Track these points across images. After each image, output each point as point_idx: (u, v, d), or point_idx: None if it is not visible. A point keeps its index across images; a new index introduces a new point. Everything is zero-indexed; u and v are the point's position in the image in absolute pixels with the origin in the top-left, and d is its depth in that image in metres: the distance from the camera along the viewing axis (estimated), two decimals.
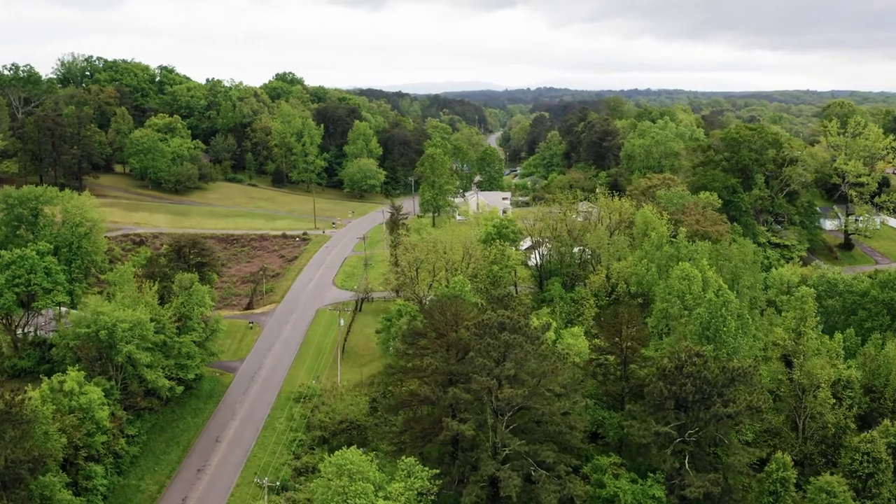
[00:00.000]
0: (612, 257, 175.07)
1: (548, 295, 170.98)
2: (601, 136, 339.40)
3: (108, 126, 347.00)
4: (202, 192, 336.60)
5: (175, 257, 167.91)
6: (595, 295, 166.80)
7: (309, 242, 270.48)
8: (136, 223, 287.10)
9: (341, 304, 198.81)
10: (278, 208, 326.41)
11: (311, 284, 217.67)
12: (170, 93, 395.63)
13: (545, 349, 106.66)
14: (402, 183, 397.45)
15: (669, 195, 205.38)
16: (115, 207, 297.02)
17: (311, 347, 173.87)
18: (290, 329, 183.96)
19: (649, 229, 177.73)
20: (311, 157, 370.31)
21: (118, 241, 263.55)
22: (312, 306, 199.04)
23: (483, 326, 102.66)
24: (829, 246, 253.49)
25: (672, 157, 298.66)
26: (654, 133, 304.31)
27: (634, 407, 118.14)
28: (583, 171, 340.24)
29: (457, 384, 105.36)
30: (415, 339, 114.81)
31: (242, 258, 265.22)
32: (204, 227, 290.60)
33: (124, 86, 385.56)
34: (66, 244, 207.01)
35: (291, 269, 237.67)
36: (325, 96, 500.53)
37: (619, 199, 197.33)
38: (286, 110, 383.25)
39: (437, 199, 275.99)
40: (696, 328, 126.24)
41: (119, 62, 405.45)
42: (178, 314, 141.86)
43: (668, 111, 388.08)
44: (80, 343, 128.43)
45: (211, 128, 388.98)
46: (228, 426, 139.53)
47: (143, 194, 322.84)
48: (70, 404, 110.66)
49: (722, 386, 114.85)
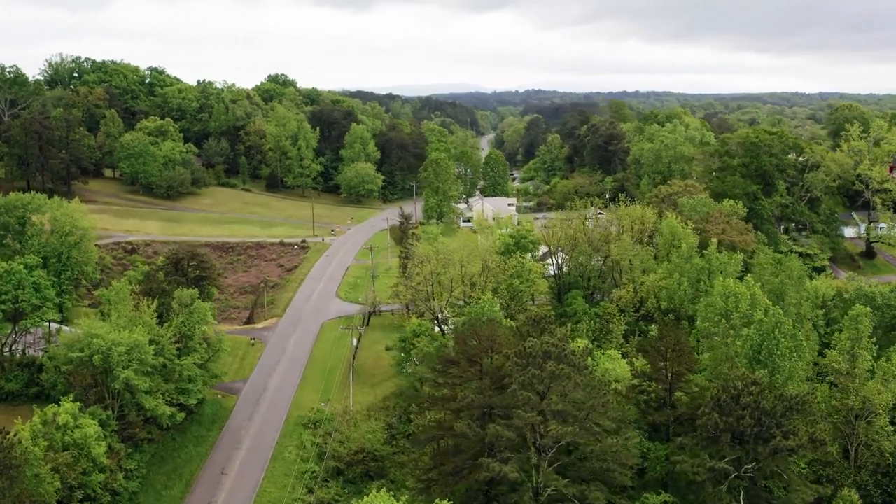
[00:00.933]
0: (638, 269, 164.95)
1: (569, 310, 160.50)
2: (606, 139, 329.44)
3: (97, 129, 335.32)
4: (195, 198, 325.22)
5: (173, 270, 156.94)
6: (622, 310, 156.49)
7: (308, 251, 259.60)
8: (127, 230, 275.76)
9: (347, 318, 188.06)
10: (274, 214, 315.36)
11: (314, 296, 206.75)
12: (160, 95, 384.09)
13: (593, 380, 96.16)
14: (400, 187, 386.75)
15: (692, 203, 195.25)
16: (105, 214, 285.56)
17: (318, 366, 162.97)
18: (295, 345, 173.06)
19: (676, 240, 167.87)
20: (306, 162, 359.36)
21: (109, 250, 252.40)
22: (317, 320, 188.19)
23: (526, 356, 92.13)
24: (851, 254, 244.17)
25: (682, 162, 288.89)
26: (663, 136, 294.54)
27: (684, 440, 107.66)
28: (588, 175, 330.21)
29: (495, 418, 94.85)
30: (445, 367, 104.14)
31: (239, 267, 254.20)
32: (198, 234, 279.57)
33: (114, 87, 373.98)
34: (55, 254, 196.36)
35: (292, 279, 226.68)
36: (319, 98, 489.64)
37: (640, 207, 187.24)
38: (281, 113, 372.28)
39: (442, 205, 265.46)
40: (747, 351, 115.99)
41: (108, 63, 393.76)
42: (178, 334, 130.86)
43: (674, 113, 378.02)
44: (73, 368, 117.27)
45: (203, 131, 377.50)
46: (234, 456, 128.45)
47: (134, 200, 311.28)
48: (64, 440, 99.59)
49: (780, 416, 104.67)
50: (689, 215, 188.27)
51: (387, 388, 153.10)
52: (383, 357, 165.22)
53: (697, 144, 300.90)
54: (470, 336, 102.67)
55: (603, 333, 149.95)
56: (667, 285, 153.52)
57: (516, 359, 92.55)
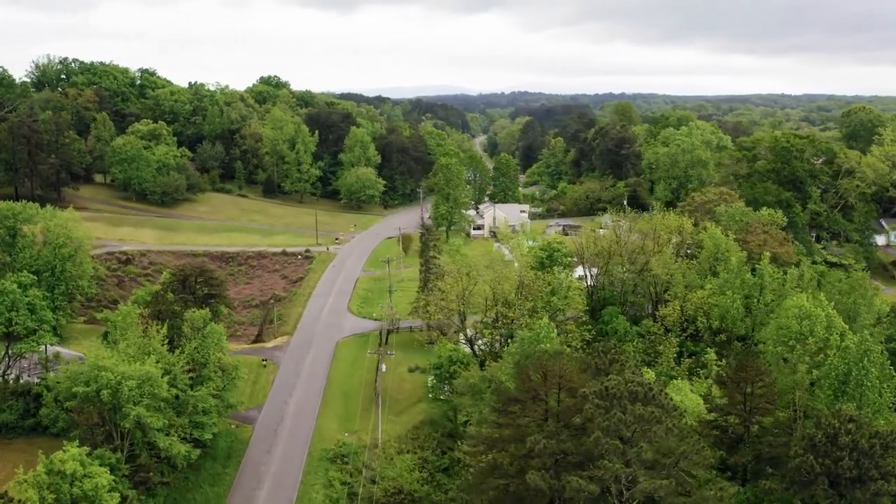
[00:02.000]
0: (680, 284, 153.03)
1: (609, 328, 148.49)
2: (617, 143, 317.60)
3: (87, 133, 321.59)
4: (190, 204, 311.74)
5: (180, 288, 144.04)
6: (668, 330, 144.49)
7: (313, 261, 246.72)
8: (120, 239, 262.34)
9: (363, 336, 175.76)
10: (273, 222, 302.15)
11: (325, 312, 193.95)
12: (152, 97, 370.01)
13: (684, 424, 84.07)
14: (401, 192, 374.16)
15: (731, 212, 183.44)
16: (97, 222, 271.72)
17: (337, 390, 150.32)
18: (310, 367, 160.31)
19: (721, 252, 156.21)
20: (305, 166, 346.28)
21: (102, 260, 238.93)
22: (331, 338, 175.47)
23: (608, 396, 79.93)
24: (884, 264, 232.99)
25: (700, 167, 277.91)
26: (679, 140, 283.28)
27: (771, 483, 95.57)
28: (598, 180, 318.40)
29: (568, 467, 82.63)
30: (505, 406, 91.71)
31: (240, 279, 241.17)
32: (195, 243, 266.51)
33: (103, 89, 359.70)
34: (48, 268, 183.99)
35: (299, 293, 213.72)
36: (313, 101, 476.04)
37: (676, 216, 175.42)
38: (278, 116, 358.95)
39: (453, 213, 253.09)
40: (832, 381, 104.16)
41: (97, 64, 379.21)
42: (191, 361, 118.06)
43: (684, 117, 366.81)
44: (78, 404, 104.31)
45: (197, 134, 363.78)
46: (255, 498, 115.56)
47: (127, 207, 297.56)
48: (72, 492, 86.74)
49: (878, 456, 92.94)
50: (727, 225, 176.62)
51: (414, 415, 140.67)
52: (406, 380, 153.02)
53: (714, 149, 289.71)
54: (533, 370, 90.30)
55: (651, 356, 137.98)
56: (718, 303, 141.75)
57: (597, 400, 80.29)
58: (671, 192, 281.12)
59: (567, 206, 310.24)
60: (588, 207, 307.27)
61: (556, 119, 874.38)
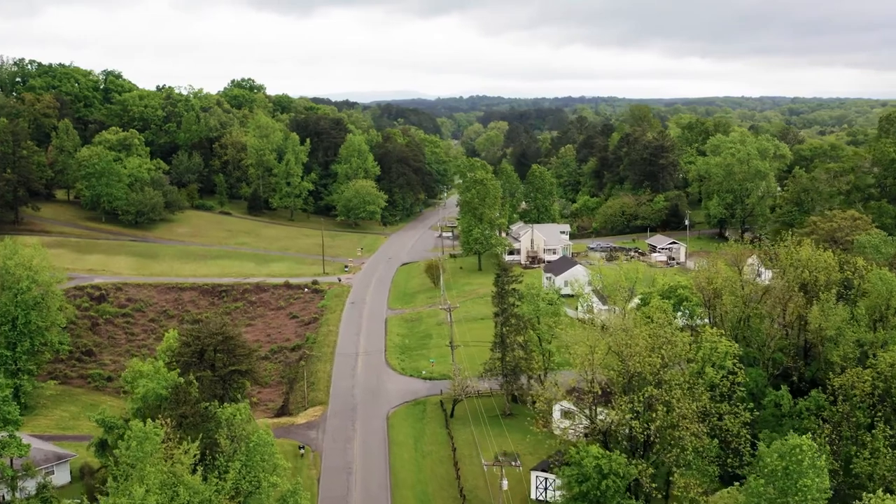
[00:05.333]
0: (850, 341, 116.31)
1: (765, 402, 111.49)
2: (654, 152, 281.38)
3: (47, 143, 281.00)
4: (168, 225, 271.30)
5: (196, 362, 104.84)
6: (857, 406, 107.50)
7: (324, 295, 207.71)
8: (90, 270, 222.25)
9: (418, 404, 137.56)
10: (267, 245, 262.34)
11: (360, 369, 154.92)
12: (119, 102, 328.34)
13: None
14: (401, 207, 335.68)
15: (874, 242, 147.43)
16: (62, 248, 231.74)
17: (408, 493, 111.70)
18: (362, 456, 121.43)
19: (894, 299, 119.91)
20: (295, 179, 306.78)
21: (71, 297, 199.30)
22: (378, 409, 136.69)
23: None
24: None
25: (758, 179, 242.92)
26: (733, 149, 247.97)
27: None
28: (631, 194, 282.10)
29: None
30: None
31: (239, 318, 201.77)
32: (180, 273, 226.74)
33: (64, 94, 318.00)
34: (7, 319, 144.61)
35: (319, 340, 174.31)
36: (291, 105, 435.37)
37: (810, 247, 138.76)
38: (263, 122, 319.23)
39: (488, 236, 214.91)
40: None
41: (56, 66, 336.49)
42: (235, 489, 79.31)
43: (721, 122, 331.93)
44: None
45: (171, 143, 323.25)
46: None
47: (96, 230, 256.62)
48: None
49: None
50: (872, 258, 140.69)
51: None
52: (494, 474, 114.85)
53: (771, 158, 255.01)
54: None
55: (837, 442, 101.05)
56: None
57: None
58: (725, 208, 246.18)
59: (599, 223, 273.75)
60: (624, 224, 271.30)
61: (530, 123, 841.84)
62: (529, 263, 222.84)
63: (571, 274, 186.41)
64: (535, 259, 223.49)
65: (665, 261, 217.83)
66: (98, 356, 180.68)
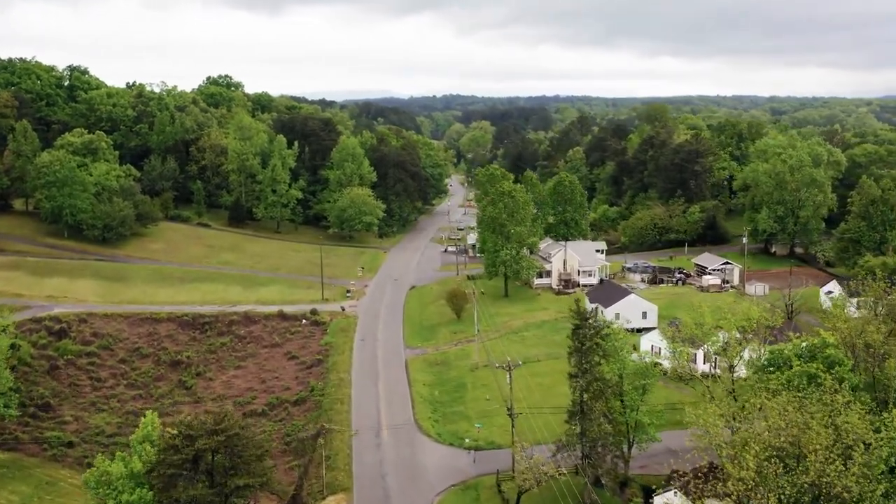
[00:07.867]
0: None
1: None
2: (686, 157, 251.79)
3: (2, 146, 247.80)
4: (140, 241, 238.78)
5: (187, 472, 73.83)
6: None
7: (327, 329, 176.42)
8: (49, 297, 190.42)
9: (470, 491, 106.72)
10: (254, 265, 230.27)
11: (385, 436, 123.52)
12: (84, 100, 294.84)
13: None
14: (398, 218, 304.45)
15: None
16: (17, 271, 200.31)
17: None
18: None
19: None
20: (282, 187, 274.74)
21: (26, 333, 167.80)
22: (416, 496, 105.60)
23: None
24: None
25: (814, 189, 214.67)
26: (784, 155, 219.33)
27: None
28: (662, 204, 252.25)
29: None
30: None
31: (226, 359, 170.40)
32: (154, 300, 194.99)
33: (23, 91, 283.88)
34: None
35: (329, 393, 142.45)
36: (271, 104, 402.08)
37: None
38: (245, 122, 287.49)
39: (519, 259, 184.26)
40: None
41: (16, 61, 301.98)
42: None
43: (755, 124, 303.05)
44: None
45: (142, 146, 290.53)
46: None
47: (57, 247, 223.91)
48: None
49: None
50: None
51: None
52: None
53: (825, 165, 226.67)
54: None
55: None
56: None
57: None
58: (776, 221, 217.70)
59: (628, 238, 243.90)
60: (656, 238, 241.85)
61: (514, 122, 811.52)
62: (563, 288, 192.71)
63: (625, 306, 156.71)
64: (568, 283, 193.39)
65: (719, 284, 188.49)
66: (57, 410, 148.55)
